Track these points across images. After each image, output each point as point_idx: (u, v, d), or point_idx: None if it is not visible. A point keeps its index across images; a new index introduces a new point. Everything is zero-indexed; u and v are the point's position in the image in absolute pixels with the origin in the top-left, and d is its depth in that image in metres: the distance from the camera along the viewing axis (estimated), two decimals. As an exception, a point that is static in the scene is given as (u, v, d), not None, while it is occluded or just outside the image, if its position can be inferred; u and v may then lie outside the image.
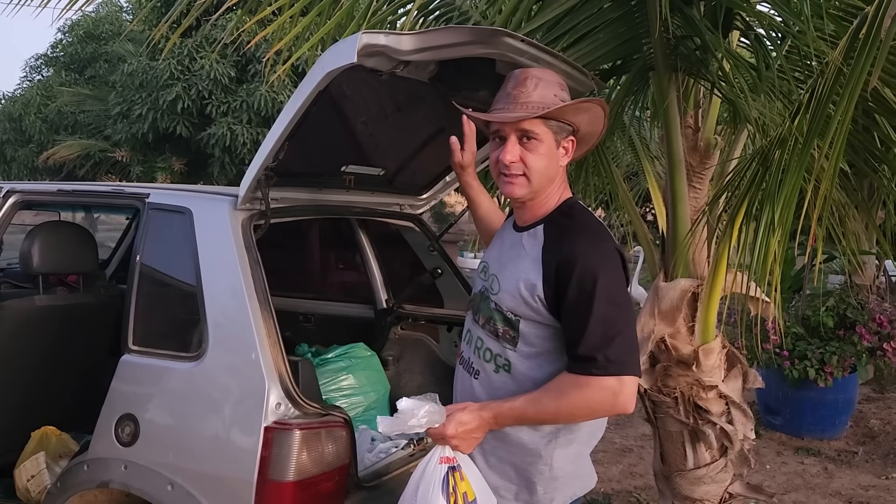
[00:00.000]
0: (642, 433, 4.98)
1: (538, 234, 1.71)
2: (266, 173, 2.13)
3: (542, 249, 1.67)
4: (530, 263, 1.67)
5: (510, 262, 1.73)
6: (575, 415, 1.64)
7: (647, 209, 6.69)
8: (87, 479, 2.24)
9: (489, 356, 1.73)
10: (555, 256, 1.62)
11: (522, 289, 1.64)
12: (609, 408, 1.61)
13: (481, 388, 1.74)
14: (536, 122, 1.65)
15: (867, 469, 4.61)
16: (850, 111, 1.78)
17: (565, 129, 1.69)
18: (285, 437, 1.93)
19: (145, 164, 12.41)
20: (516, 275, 1.68)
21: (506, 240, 1.82)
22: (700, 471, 2.76)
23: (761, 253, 2.17)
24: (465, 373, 1.81)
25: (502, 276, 1.72)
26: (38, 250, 2.70)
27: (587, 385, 1.58)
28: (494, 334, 1.72)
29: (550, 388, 1.61)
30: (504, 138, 1.67)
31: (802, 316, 5.21)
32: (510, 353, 1.69)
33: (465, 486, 1.64)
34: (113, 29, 14.96)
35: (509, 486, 1.73)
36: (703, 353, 2.70)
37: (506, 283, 1.70)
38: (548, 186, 1.72)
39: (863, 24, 1.74)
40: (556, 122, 1.67)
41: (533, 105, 1.64)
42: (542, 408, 1.61)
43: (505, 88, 1.70)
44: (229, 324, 2.11)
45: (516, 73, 1.71)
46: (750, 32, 2.58)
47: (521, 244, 1.73)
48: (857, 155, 2.56)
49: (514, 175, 1.67)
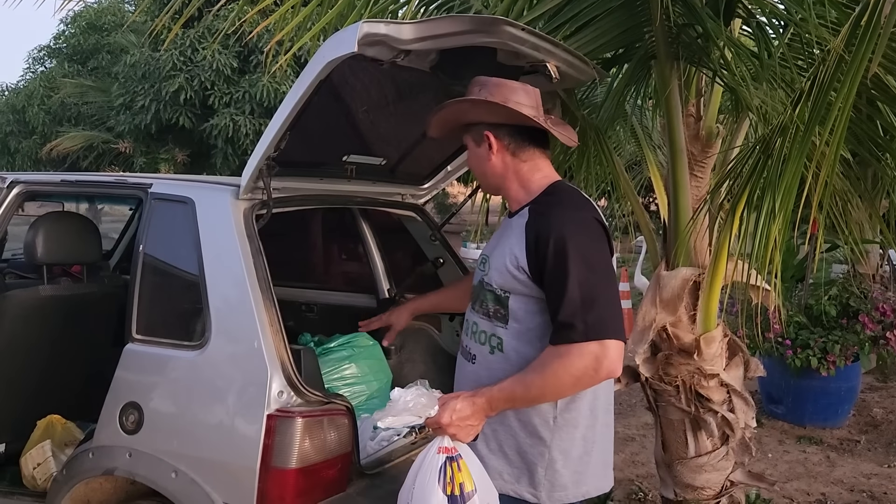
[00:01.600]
0: (644, 422, 4.99)
1: (524, 214, 1.79)
2: (268, 163, 2.13)
3: (525, 225, 1.74)
4: (515, 239, 1.75)
5: (498, 244, 1.83)
6: (561, 386, 1.63)
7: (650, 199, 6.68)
8: (92, 466, 2.26)
9: (483, 338, 1.78)
10: (535, 228, 1.70)
11: (508, 263, 1.72)
12: (593, 373, 1.60)
13: (479, 371, 1.77)
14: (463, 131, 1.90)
15: (869, 458, 4.62)
16: (850, 98, 1.78)
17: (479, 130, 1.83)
18: (288, 425, 1.94)
19: (148, 155, 12.42)
20: (502, 252, 1.77)
21: (501, 230, 1.92)
22: (701, 459, 2.78)
23: (762, 241, 2.17)
24: (464, 360, 1.85)
25: (492, 257, 1.82)
26: (42, 241, 2.71)
27: (567, 353, 1.58)
28: (486, 314, 1.78)
29: (534, 364, 1.64)
30: None
31: (805, 305, 5.21)
32: (501, 330, 1.73)
33: (463, 476, 1.64)
34: (115, 20, 14.94)
35: (511, 470, 1.75)
36: (704, 341, 2.71)
37: (494, 261, 1.79)
38: (496, 181, 1.86)
39: (864, 11, 1.74)
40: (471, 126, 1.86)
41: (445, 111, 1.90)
42: (529, 384, 1.62)
43: None
44: (232, 313, 2.12)
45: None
46: (752, 20, 2.57)
47: (510, 226, 1.82)
48: (861, 144, 2.56)
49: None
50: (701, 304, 2.73)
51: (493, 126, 1.80)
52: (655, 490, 3.69)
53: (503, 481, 1.74)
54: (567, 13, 2.58)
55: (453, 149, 2.88)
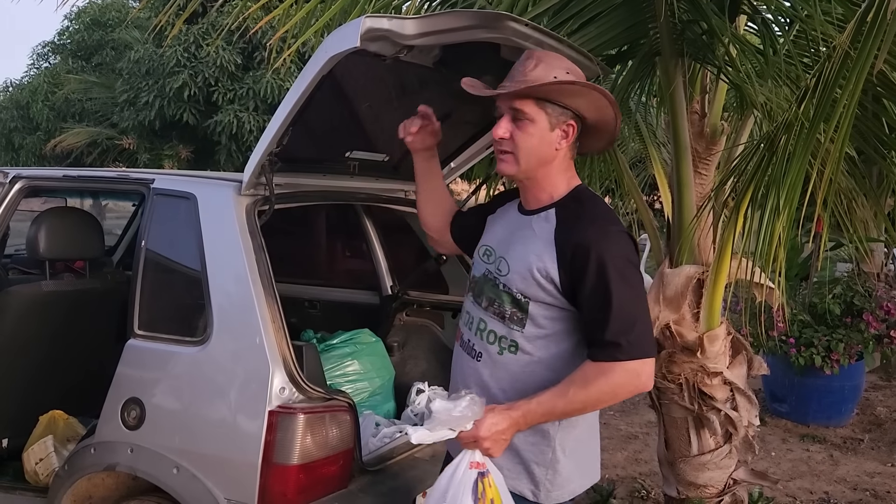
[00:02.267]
0: (647, 420, 4.99)
1: (550, 218, 1.70)
2: (270, 159, 2.13)
3: (553, 232, 1.67)
4: (542, 246, 1.67)
5: (518, 244, 1.72)
6: (601, 401, 1.65)
7: (653, 197, 6.66)
8: (94, 462, 2.27)
9: (493, 338, 1.72)
10: (569, 241, 1.63)
11: (535, 272, 1.65)
12: (632, 389, 1.63)
13: (485, 370, 1.73)
14: (528, 102, 1.64)
15: (873, 456, 4.61)
16: (856, 94, 1.77)
17: (564, 112, 1.67)
18: (289, 421, 1.94)
19: (152, 151, 12.43)
20: (526, 257, 1.68)
21: (511, 223, 1.80)
22: (704, 457, 2.77)
23: (766, 238, 2.17)
24: (466, 355, 1.80)
25: (510, 258, 1.72)
26: (44, 236, 2.71)
27: (611, 371, 1.59)
28: (500, 316, 1.71)
29: (576, 379, 1.61)
30: (499, 115, 1.69)
31: (809, 303, 5.20)
32: (517, 334, 1.68)
33: (492, 492, 1.62)
34: (119, 16, 14.94)
35: (512, 466, 1.73)
36: (707, 339, 2.70)
37: (515, 264, 1.70)
38: (540, 168, 1.71)
39: (870, 7, 1.73)
40: (552, 105, 1.65)
41: (527, 82, 1.63)
42: (572, 398, 1.60)
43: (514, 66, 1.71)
44: (234, 309, 2.12)
45: (525, 53, 1.71)
46: (757, 17, 2.56)
47: (529, 227, 1.73)
48: (866, 141, 2.54)
49: (503, 152, 1.69)
50: (704, 302, 2.73)
51: (579, 118, 1.69)
52: (658, 488, 3.68)
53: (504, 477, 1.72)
54: (571, 9, 2.57)
55: (456, 145, 2.88)
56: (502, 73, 1.81)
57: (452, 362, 1.89)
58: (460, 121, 2.69)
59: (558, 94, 1.65)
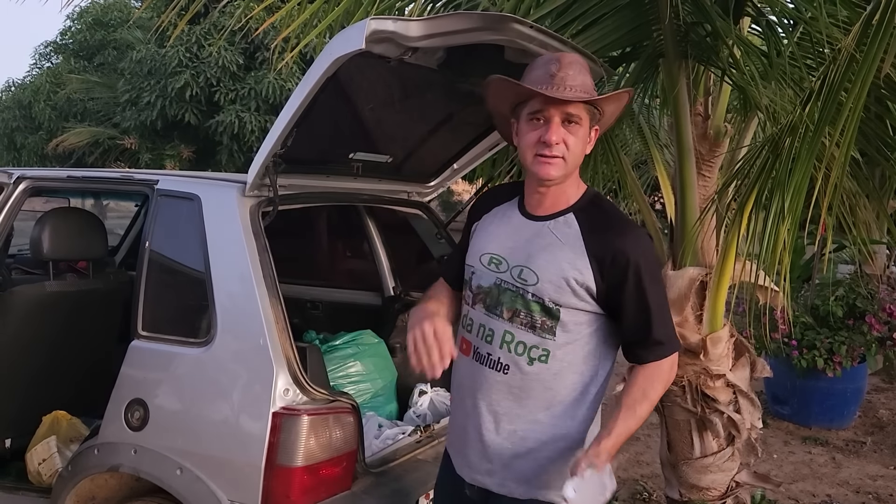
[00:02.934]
0: (649, 422, 4.93)
1: (571, 223, 1.70)
2: (274, 160, 2.13)
3: (583, 239, 1.67)
4: (572, 253, 1.66)
5: (542, 252, 1.68)
6: (658, 399, 1.74)
7: (655, 198, 6.65)
8: (97, 463, 2.27)
9: (522, 349, 1.68)
10: (606, 251, 1.64)
11: (571, 280, 1.64)
12: (671, 379, 1.73)
13: (514, 382, 1.70)
14: (580, 106, 1.64)
15: (875, 459, 4.60)
16: (862, 98, 1.77)
17: (596, 116, 1.69)
18: (293, 423, 1.94)
19: (154, 151, 12.44)
20: (557, 265, 1.66)
21: (521, 229, 1.75)
22: (707, 459, 2.77)
23: (771, 241, 2.16)
24: (488, 368, 1.73)
25: (537, 267, 1.68)
26: (48, 236, 2.71)
27: (659, 369, 1.69)
28: (531, 326, 1.67)
29: (634, 393, 1.68)
30: (548, 119, 1.63)
31: (811, 305, 5.19)
32: (549, 342, 1.67)
33: None
34: (121, 16, 14.95)
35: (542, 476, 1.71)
36: (710, 341, 2.69)
37: (545, 273, 1.66)
38: (574, 172, 1.72)
39: (876, 9, 1.73)
40: (594, 109, 1.68)
41: (578, 88, 1.62)
42: (642, 415, 1.69)
43: (545, 69, 1.64)
44: (237, 310, 2.12)
45: (558, 56, 1.68)
46: (761, 19, 2.56)
47: (549, 233, 1.70)
48: (869, 143, 2.54)
49: (555, 156, 1.64)
50: (707, 304, 2.72)
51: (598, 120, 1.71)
52: (660, 490, 3.68)
53: (528, 486, 1.71)
54: (575, 11, 2.57)
55: (459, 147, 2.88)
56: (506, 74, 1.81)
57: (460, 375, 1.82)
58: (463, 122, 2.69)
59: (606, 101, 1.69)
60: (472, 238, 1.85)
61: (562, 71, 1.62)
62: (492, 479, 1.73)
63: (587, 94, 1.63)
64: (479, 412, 1.73)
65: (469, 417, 1.76)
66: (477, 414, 1.73)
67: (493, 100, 1.77)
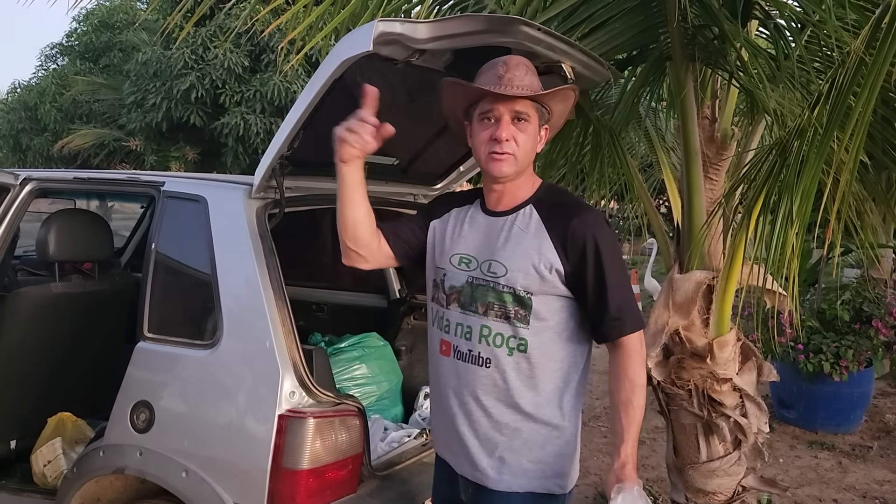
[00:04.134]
0: (654, 425, 4.96)
1: (530, 214, 1.78)
2: (281, 162, 2.13)
3: (544, 226, 1.75)
4: (535, 240, 1.74)
5: (507, 243, 1.76)
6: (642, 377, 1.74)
7: (660, 201, 6.64)
8: (102, 465, 2.27)
9: (500, 340, 1.75)
10: (567, 229, 1.72)
11: (539, 265, 1.71)
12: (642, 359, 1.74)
13: (496, 375, 1.75)
14: (528, 104, 1.73)
15: (882, 464, 4.58)
16: (872, 102, 1.75)
17: (545, 116, 1.78)
18: (299, 425, 1.93)
19: (159, 153, 12.47)
20: (524, 253, 1.73)
21: (485, 227, 1.83)
22: (713, 464, 2.75)
23: (778, 245, 2.15)
24: (471, 365, 1.77)
25: (505, 258, 1.75)
26: (54, 238, 2.71)
27: (629, 349, 1.72)
28: (505, 317, 1.74)
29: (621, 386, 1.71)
30: (497, 118, 1.72)
31: (818, 309, 5.17)
32: (523, 331, 1.73)
33: None
34: (127, 18, 15.00)
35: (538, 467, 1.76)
36: (717, 345, 2.68)
37: (513, 263, 1.73)
38: (527, 168, 1.80)
39: (885, 12, 1.72)
40: (541, 108, 1.76)
41: (526, 88, 1.70)
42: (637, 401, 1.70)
43: (494, 71, 1.73)
44: (244, 312, 2.12)
45: (505, 59, 1.76)
46: (769, 22, 2.55)
47: (512, 226, 1.78)
48: (876, 146, 2.53)
49: (505, 153, 1.72)
50: (714, 308, 2.71)
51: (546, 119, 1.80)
52: (666, 494, 3.66)
53: (526, 479, 1.75)
54: (582, 14, 2.56)
55: (466, 149, 2.86)
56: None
57: (443, 377, 1.84)
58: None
59: (554, 98, 1.76)
60: (437, 241, 1.90)
61: (509, 72, 1.71)
62: (490, 474, 1.76)
63: (535, 91, 1.72)
64: (468, 409, 1.78)
65: (458, 416, 1.80)
66: (467, 412, 1.78)
67: (447, 103, 1.85)
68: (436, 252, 1.89)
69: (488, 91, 1.70)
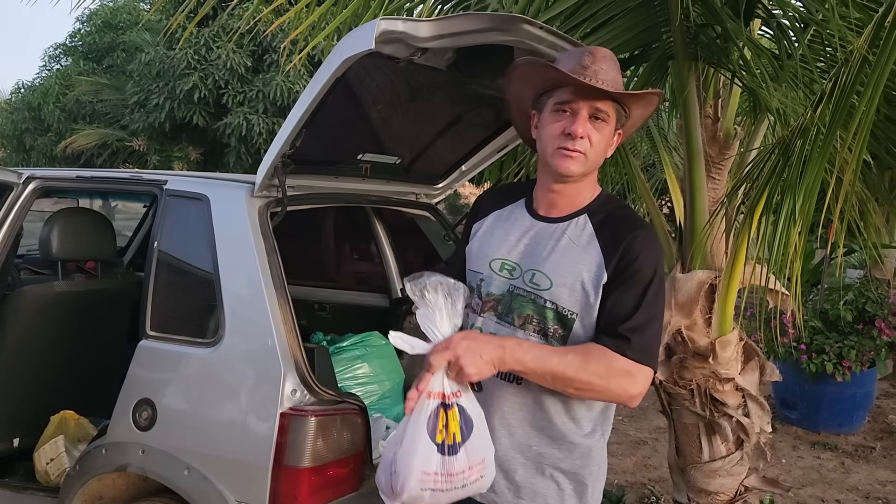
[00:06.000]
0: (656, 425, 4.96)
1: (584, 225, 1.63)
2: (283, 160, 2.13)
3: (597, 239, 1.60)
4: (586, 254, 1.59)
5: (555, 254, 1.61)
6: (590, 384, 1.53)
7: (662, 201, 6.63)
8: (105, 462, 2.27)
9: None
10: (616, 245, 1.57)
11: (587, 282, 1.57)
12: (622, 392, 1.55)
13: (528, 393, 1.62)
14: (610, 103, 1.57)
15: (885, 465, 4.57)
16: (875, 101, 1.75)
17: (622, 119, 1.63)
18: (301, 424, 1.93)
19: (162, 153, 12.47)
20: (571, 267, 1.59)
21: (531, 231, 1.67)
22: (715, 463, 2.75)
23: (781, 245, 2.15)
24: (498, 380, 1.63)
25: (550, 270, 1.60)
26: (57, 237, 2.72)
27: (614, 360, 1.52)
28: (542, 333, 1.60)
29: (577, 349, 1.55)
30: (575, 111, 1.56)
31: (820, 310, 5.16)
32: None
33: (455, 426, 1.48)
34: (131, 18, 15.01)
35: (558, 492, 1.64)
36: (719, 345, 2.68)
37: (559, 276, 1.59)
38: (593, 172, 1.65)
39: (889, 11, 1.71)
40: (621, 109, 1.61)
41: (610, 84, 1.55)
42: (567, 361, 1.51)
43: (578, 59, 1.56)
44: (246, 310, 2.12)
45: (592, 49, 1.60)
46: (772, 20, 2.55)
47: (563, 235, 1.63)
48: (879, 145, 2.52)
49: (577, 151, 1.56)
50: (717, 308, 2.71)
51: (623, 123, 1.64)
52: (668, 494, 3.66)
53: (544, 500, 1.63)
54: (584, 12, 2.57)
55: (468, 148, 2.87)
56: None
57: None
58: (472, 124, 2.69)
59: (636, 102, 1.61)
60: (474, 242, 1.76)
61: (595, 64, 1.54)
62: (508, 498, 1.64)
63: (618, 88, 1.56)
64: (490, 426, 1.58)
65: None
66: (489, 428, 1.58)
67: (516, 86, 1.68)
68: (472, 254, 1.74)
69: (572, 79, 1.53)
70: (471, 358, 1.47)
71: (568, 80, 1.54)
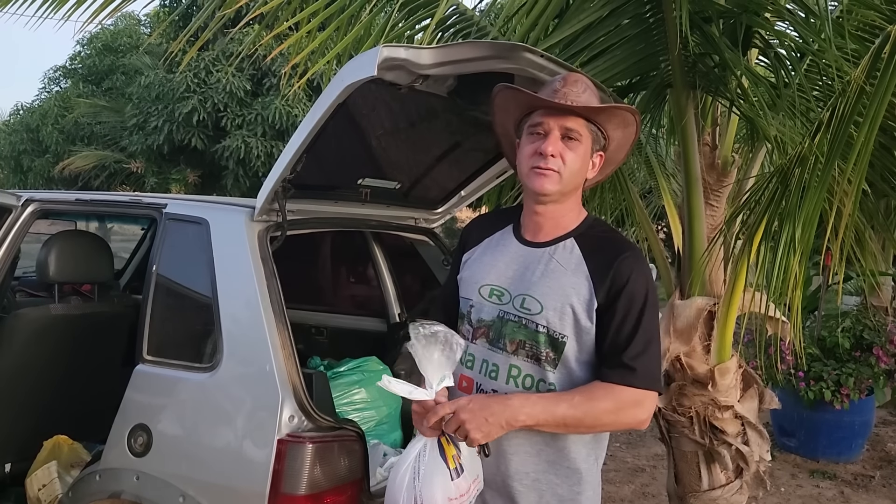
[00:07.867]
0: (654, 453, 4.92)
1: (571, 248, 1.65)
2: (283, 185, 2.13)
3: (585, 263, 1.62)
4: (574, 278, 1.61)
5: (545, 279, 1.63)
6: (600, 422, 1.58)
7: (659, 226, 6.65)
8: (98, 489, 2.24)
9: (530, 382, 1.62)
10: (606, 267, 1.59)
11: (577, 306, 1.59)
12: (631, 420, 1.59)
13: None
14: (581, 122, 1.61)
15: (884, 494, 4.53)
16: (874, 131, 1.76)
17: (600, 140, 1.66)
18: (298, 451, 1.91)
19: (160, 175, 12.51)
20: (560, 291, 1.60)
21: (519, 257, 1.69)
22: (715, 492, 2.73)
23: (780, 273, 2.15)
24: None
25: (540, 294, 1.61)
26: (54, 259, 2.71)
27: (621, 393, 1.55)
28: (535, 358, 1.61)
29: (583, 390, 1.56)
30: (546, 132, 1.61)
31: (818, 337, 5.16)
32: (551, 374, 1.60)
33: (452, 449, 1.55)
34: (131, 42, 15.14)
35: None
36: (718, 372, 2.67)
37: (548, 300, 1.60)
38: (572, 193, 1.67)
39: (885, 42, 1.73)
40: (596, 129, 1.64)
41: (580, 104, 1.59)
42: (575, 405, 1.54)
43: (551, 86, 1.63)
44: (244, 335, 2.10)
45: (566, 75, 1.67)
46: (769, 50, 2.58)
47: (550, 259, 1.65)
48: (875, 173, 2.54)
49: (550, 169, 1.60)
50: (715, 335, 2.71)
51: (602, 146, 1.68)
52: (666, 523, 3.62)
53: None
54: (584, 41, 2.59)
55: (467, 174, 2.88)
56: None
57: None
58: (471, 149, 2.70)
59: (611, 119, 1.64)
60: (464, 270, 1.77)
61: (566, 87, 1.61)
62: None
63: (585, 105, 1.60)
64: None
65: None
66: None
67: (499, 115, 1.75)
68: (463, 281, 1.76)
69: (540, 100, 1.60)
70: (476, 423, 1.51)
71: (536, 101, 1.62)
